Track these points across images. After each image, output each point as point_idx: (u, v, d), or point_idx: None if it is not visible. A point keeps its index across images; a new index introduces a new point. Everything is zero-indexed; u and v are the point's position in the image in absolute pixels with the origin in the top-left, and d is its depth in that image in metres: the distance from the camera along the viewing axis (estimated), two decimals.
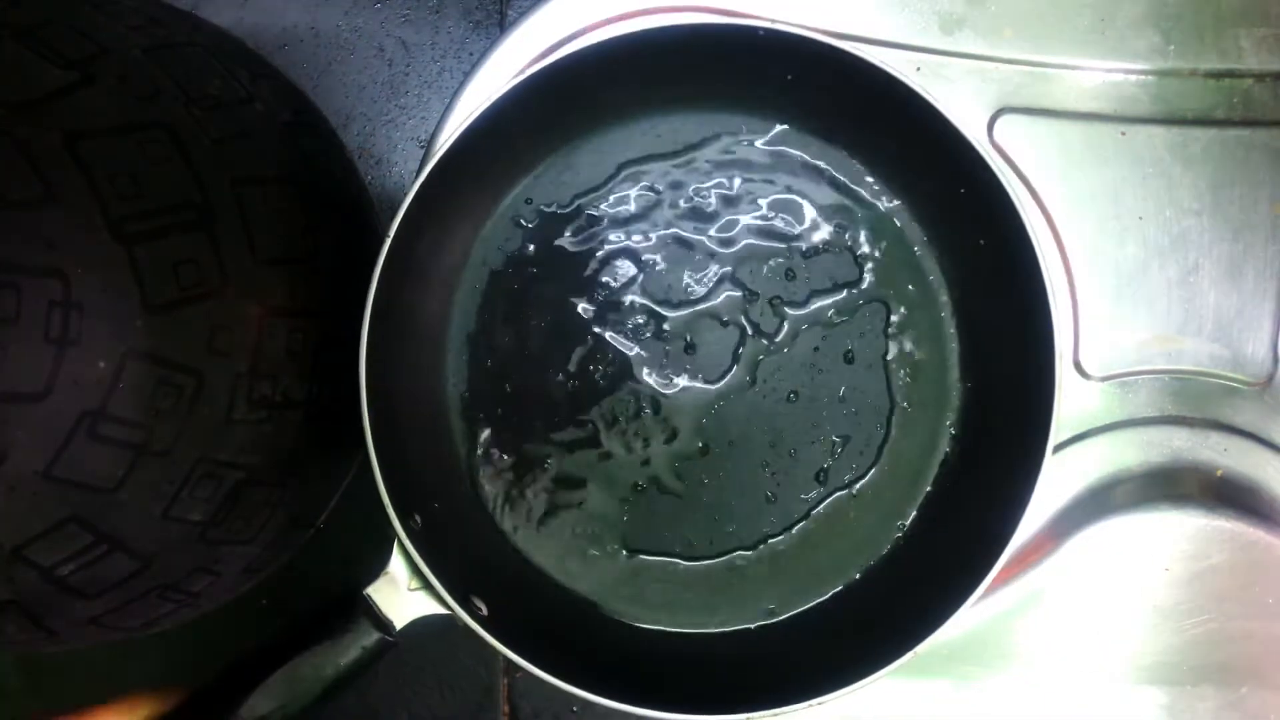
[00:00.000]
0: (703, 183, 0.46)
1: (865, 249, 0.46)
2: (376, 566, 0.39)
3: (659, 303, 0.46)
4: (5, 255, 0.30)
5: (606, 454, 0.46)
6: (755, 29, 0.40)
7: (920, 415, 0.46)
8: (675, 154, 0.46)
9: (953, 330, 0.46)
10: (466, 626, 0.39)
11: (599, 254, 0.46)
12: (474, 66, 0.48)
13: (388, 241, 0.38)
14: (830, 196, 0.46)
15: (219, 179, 0.35)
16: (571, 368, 0.46)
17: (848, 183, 0.46)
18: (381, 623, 0.39)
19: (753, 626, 0.46)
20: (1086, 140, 0.48)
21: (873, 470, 0.46)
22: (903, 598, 0.44)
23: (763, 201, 0.46)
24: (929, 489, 0.46)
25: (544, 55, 0.43)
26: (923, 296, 0.46)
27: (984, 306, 0.45)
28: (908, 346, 0.46)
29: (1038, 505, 0.39)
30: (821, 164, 0.46)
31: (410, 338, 0.45)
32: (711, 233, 0.46)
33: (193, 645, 0.49)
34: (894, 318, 0.46)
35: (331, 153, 0.44)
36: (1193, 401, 0.48)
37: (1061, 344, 0.40)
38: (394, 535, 0.39)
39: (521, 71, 0.39)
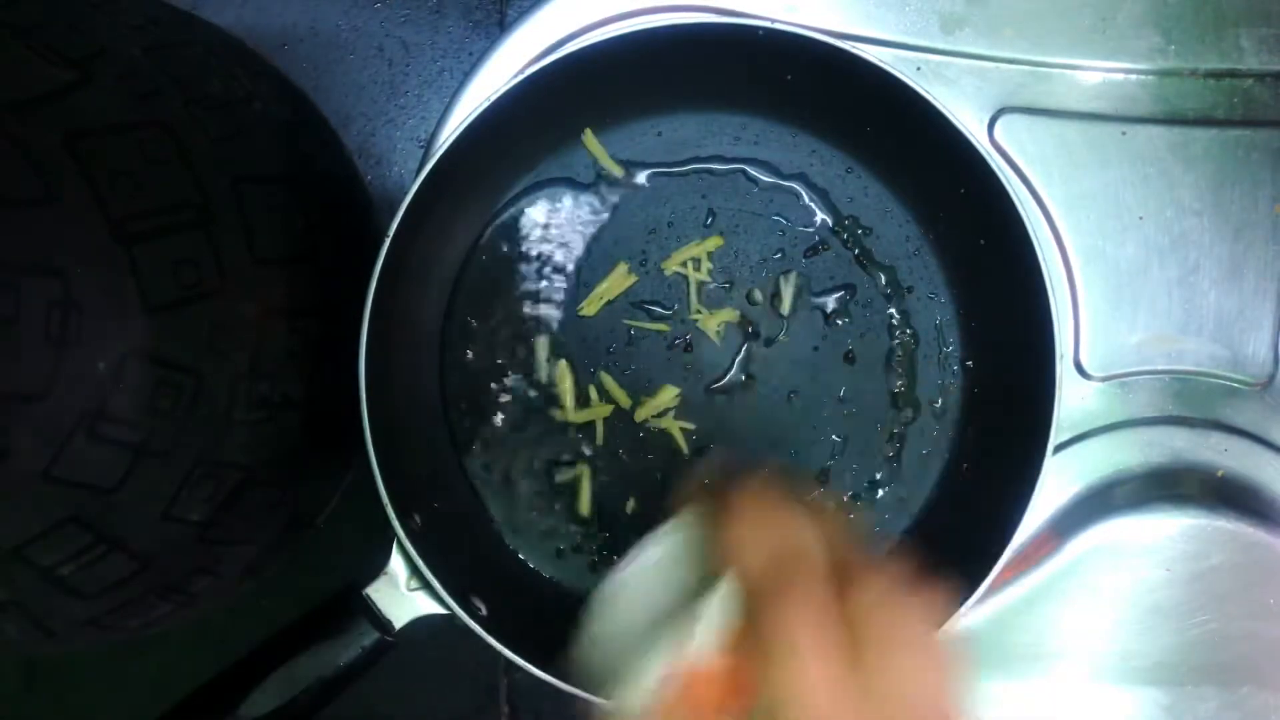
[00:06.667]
0: (702, 183, 0.46)
1: (865, 249, 0.46)
2: (376, 566, 0.39)
3: (658, 303, 0.46)
4: (5, 255, 0.29)
5: (606, 454, 0.46)
6: (755, 29, 0.40)
7: (920, 415, 0.46)
8: (674, 153, 0.46)
9: (953, 330, 0.46)
10: (466, 626, 0.39)
11: (598, 254, 0.46)
12: (474, 66, 0.48)
13: (387, 241, 0.38)
14: (830, 197, 0.46)
15: (218, 178, 0.35)
16: (572, 368, 0.46)
17: (848, 183, 0.46)
18: (381, 622, 0.39)
19: None
20: (1087, 140, 0.48)
21: (873, 470, 0.46)
22: None
23: (762, 201, 0.46)
24: (929, 489, 0.46)
25: (544, 55, 0.43)
26: (922, 296, 0.46)
27: (984, 306, 0.45)
28: (908, 346, 0.46)
29: (1038, 505, 0.39)
30: (821, 164, 0.46)
31: (410, 337, 0.45)
32: (711, 233, 0.46)
33: (193, 645, 0.49)
34: (894, 317, 0.46)
35: (331, 152, 0.44)
36: (1193, 402, 0.48)
37: (1062, 344, 0.40)
38: (393, 535, 0.39)
39: (521, 71, 0.39)
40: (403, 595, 0.39)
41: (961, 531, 0.43)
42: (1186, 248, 0.48)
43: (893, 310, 0.46)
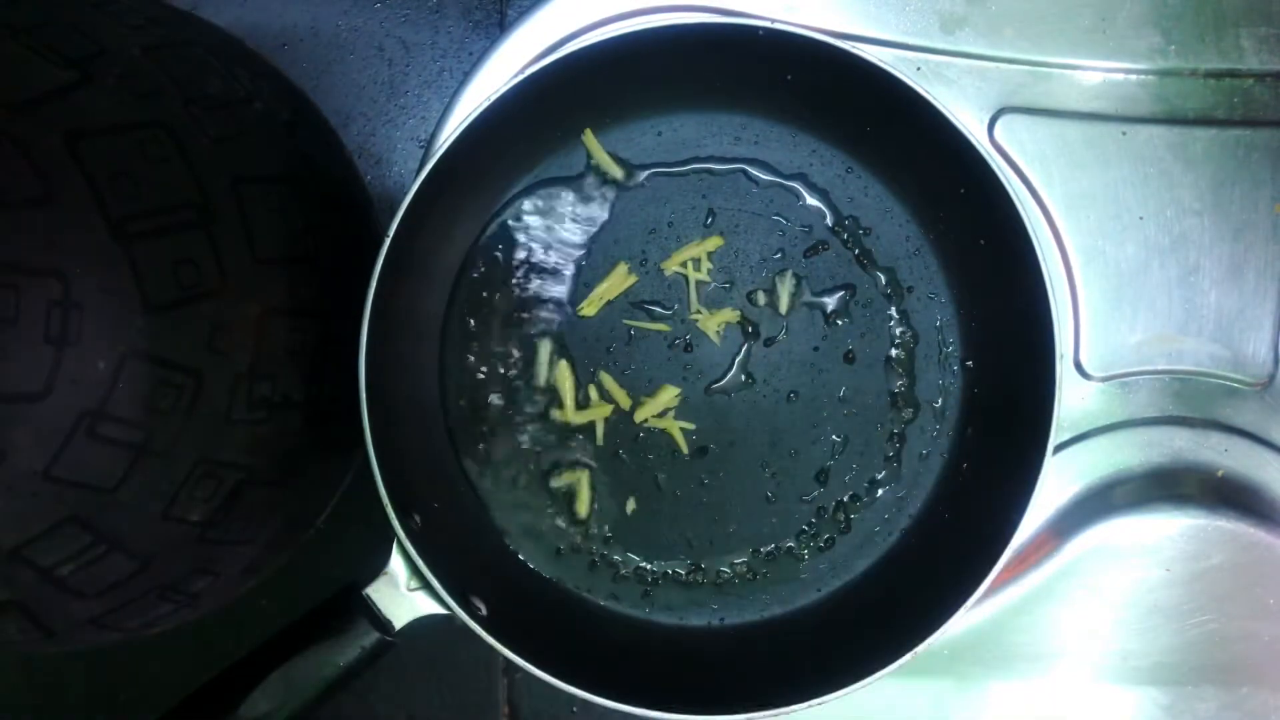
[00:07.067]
0: (702, 183, 0.46)
1: (865, 249, 0.46)
2: (376, 566, 0.39)
3: (658, 303, 0.46)
4: (5, 255, 0.30)
5: (606, 455, 0.46)
6: (755, 29, 0.40)
7: (920, 415, 0.46)
8: (674, 153, 0.46)
9: (953, 330, 0.46)
10: (466, 626, 0.39)
11: (598, 254, 0.46)
12: (474, 66, 0.48)
13: (387, 241, 0.38)
14: (830, 197, 0.46)
15: (218, 178, 0.35)
16: (572, 368, 0.46)
17: (848, 183, 0.46)
18: (381, 622, 0.39)
19: (753, 626, 0.46)
20: (1087, 140, 0.48)
21: (873, 470, 0.46)
22: (903, 598, 0.44)
23: (762, 201, 0.46)
24: (929, 489, 0.46)
25: (544, 55, 0.43)
26: (922, 296, 0.46)
27: (984, 306, 0.45)
28: (907, 346, 0.46)
29: (1038, 505, 0.39)
30: (821, 164, 0.46)
31: (410, 337, 0.45)
32: (711, 233, 0.46)
33: (193, 645, 0.49)
34: (894, 317, 0.46)
35: (331, 152, 0.44)
36: (1193, 402, 0.48)
37: (1062, 344, 0.40)
38: (393, 535, 0.39)
39: (521, 71, 0.39)
40: (403, 595, 0.39)
41: (961, 531, 0.43)
42: (1186, 248, 0.48)
43: (893, 310, 0.46)
